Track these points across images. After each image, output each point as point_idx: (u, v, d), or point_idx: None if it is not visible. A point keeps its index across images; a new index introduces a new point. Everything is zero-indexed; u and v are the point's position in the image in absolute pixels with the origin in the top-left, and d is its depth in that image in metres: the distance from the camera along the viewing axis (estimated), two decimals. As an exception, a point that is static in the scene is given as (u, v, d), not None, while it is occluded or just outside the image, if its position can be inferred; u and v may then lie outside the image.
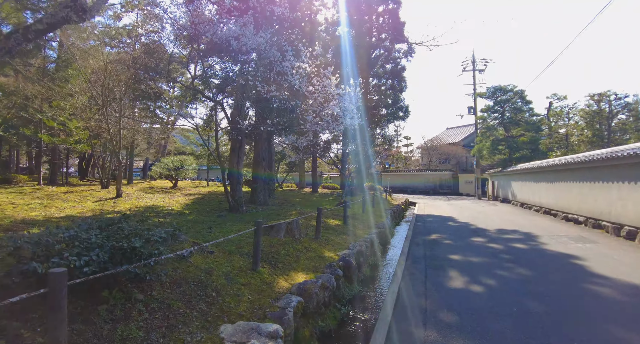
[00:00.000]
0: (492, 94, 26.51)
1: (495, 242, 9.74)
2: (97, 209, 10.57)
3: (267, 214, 11.30)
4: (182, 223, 9.00)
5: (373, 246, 9.19)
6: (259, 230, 5.38)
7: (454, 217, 16.12)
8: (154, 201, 13.39)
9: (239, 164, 12.08)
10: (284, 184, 32.20)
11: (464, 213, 17.91)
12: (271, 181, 17.54)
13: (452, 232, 11.79)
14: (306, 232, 8.47)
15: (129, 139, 17.35)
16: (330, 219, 11.18)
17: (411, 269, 7.13)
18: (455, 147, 40.83)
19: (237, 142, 12.14)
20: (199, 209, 12.30)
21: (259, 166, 14.65)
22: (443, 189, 38.37)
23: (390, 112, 26.85)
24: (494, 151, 25.78)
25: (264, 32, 9.78)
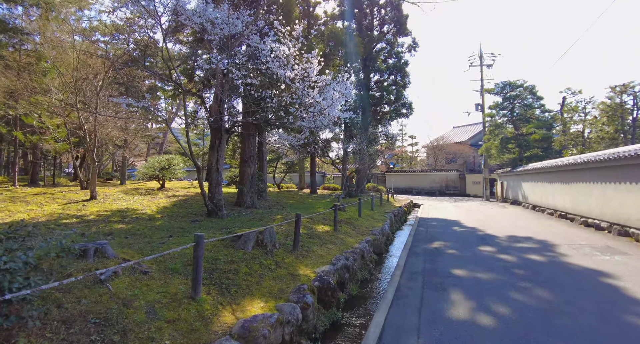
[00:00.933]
0: (501, 90, 25.02)
1: (507, 253, 8.39)
2: (56, 213, 9.44)
3: (248, 219, 10.07)
4: (141, 230, 7.83)
5: (364, 257, 7.91)
6: (198, 246, 4.14)
7: (460, 221, 14.74)
8: (129, 204, 12.26)
9: (218, 162, 10.87)
10: (283, 184, 31.02)
11: (471, 216, 16.52)
12: (262, 182, 16.33)
13: (457, 240, 10.45)
14: (284, 243, 7.21)
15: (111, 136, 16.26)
16: (319, 225, 9.91)
17: (405, 290, 5.83)
18: (462, 147, 39.28)
19: (216, 138, 10.93)
20: (174, 213, 11.13)
21: (246, 165, 13.44)
22: (449, 190, 36.85)
23: (393, 109, 25.53)
24: (503, 149, 24.29)
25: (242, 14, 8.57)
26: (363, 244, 8.36)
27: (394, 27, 25.38)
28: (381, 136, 25.17)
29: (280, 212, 12.05)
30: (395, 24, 25.12)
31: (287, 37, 8.10)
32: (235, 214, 11.37)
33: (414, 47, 25.81)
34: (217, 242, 6.41)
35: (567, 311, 4.68)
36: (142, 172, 16.62)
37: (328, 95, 8.54)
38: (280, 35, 8.05)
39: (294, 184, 32.34)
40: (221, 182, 10.92)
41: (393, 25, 25.36)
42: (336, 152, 27.15)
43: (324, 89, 8.97)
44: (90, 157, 13.19)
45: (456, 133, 45.58)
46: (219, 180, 10.84)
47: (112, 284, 4.13)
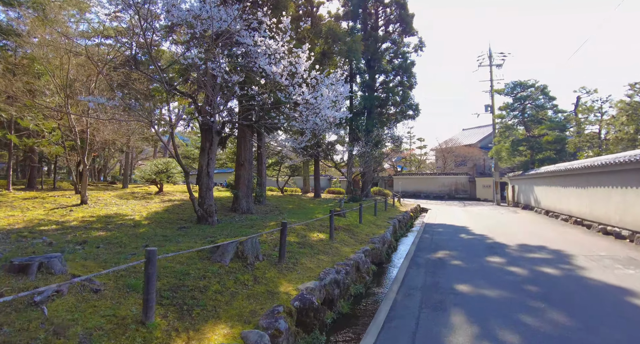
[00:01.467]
0: (511, 90, 24.11)
1: (518, 265, 7.63)
2: (37, 220, 8.98)
3: (239, 226, 9.48)
4: (119, 238, 7.30)
5: (359, 269, 7.23)
6: (150, 262, 3.54)
7: (468, 228, 13.94)
8: (120, 209, 11.80)
9: (209, 166, 10.32)
10: (287, 188, 30.46)
11: (480, 222, 15.68)
12: (260, 186, 15.77)
13: (463, 249, 9.70)
14: (270, 254, 6.59)
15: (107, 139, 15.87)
16: (314, 233, 9.27)
17: (400, 309, 5.15)
18: (472, 149, 38.26)
19: (207, 141, 10.39)
20: (163, 219, 10.62)
21: (242, 168, 12.89)
22: (459, 194, 35.83)
23: (399, 111, 24.82)
24: (514, 152, 23.34)
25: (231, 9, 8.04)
26: (359, 255, 7.68)
27: (399, 26, 24.74)
28: (387, 139, 24.41)
29: (276, 219, 11.45)
30: (401, 24, 24.47)
31: (274, 30, 7.52)
32: (228, 221, 10.80)
33: (420, 47, 25.13)
34: (194, 254, 5.83)
35: (588, 341, 3.95)
36: (139, 176, 16.20)
37: (318, 93, 7.90)
38: (266, 27, 7.48)
39: (299, 188, 31.77)
40: (212, 186, 10.37)
41: (399, 24, 24.72)
42: (341, 155, 26.52)
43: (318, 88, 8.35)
44: (82, 161, 12.76)
45: (465, 135, 44.55)
46: (210, 184, 10.29)
47: (51, 306, 3.57)
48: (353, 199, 20.58)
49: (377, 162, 24.54)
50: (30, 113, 14.04)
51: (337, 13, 26.04)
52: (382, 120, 23.80)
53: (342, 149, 25.07)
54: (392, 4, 24.34)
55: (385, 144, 25.17)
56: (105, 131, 15.23)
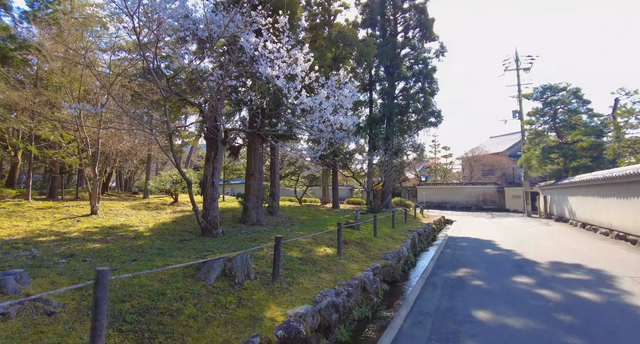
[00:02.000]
0: (541, 94, 22.71)
1: (549, 287, 6.67)
2: (39, 230, 8.85)
3: (243, 240, 8.97)
4: (112, 251, 6.96)
5: (366, 290, 6.51)
6: (99, 285, 3.04)
7: (495, 242, 12.85)
8: (128, 220, 11.62)
9: (214, 176, 9.95)
10: (306, 198, 29.96)
11: (509, 236, 14.50)
12: (274, 197, 15.30)
13: (487, 266, 8.75)
14: (264, 271, 6.02)
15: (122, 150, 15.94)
16: (321, 247, 8.63)
17: (405, 341, 4.42)
18: (500, 158, 36.48)
19: (212, 150, 10.05)
20: (168, 230, 10.30)
21: (252, 178, 12.48)
22: (487, 204, 34.09)
23: (421, 118, 23.95)
24: (545, 160, 21.84)
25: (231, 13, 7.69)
26: (367, 273, 6.96)
27: (419, 31, 24.03)
28: (407, 147, 23.53)
29: (284, 231, 10.89)
30: (421, 29, 23.76)
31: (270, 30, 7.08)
32: (234, 233, 10.34)
33: (441, 52, 24.29)
34: (178, 271, 5.35)
35: (641, 395, 3.10)
36: (153, 186, 16.13)
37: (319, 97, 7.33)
38: (262, 27, 7.05)
39: (318, 198, 31.18)
40: (216, 197, 9.97)
41: (418, 30, 24.02)
42: (361, 165, 25.79)
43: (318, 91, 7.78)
44: (92, 171, 12.75)
45: (493, 143, 42.71)
46: (214, 195, 9.90)
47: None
48: (372, 210, 19.75)
49: (397, 172, 23.67)
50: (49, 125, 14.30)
51: (355, 21, 25.70)
52: (403, 128, 22.98)
53: (361, 159, 24.35)
54: (411, 9, 23.73)
55: (406, 152, 24.28)
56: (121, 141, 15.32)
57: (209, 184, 9.98)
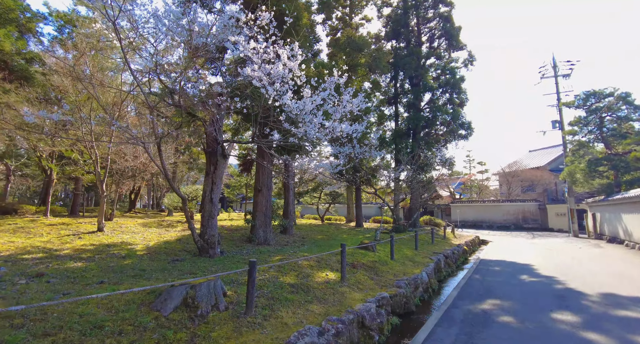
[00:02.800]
0: (584, 101, 20.69)
1: (600, 329, 5.27)
2: (31, 247, 8.50)
3: (238, 261, 8.16)
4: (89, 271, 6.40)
5: (364, 326, 5.42)
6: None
7: (533, 267, 11.21)
8: (130, 238, 11.20)
9: (213, 192, 9.30)
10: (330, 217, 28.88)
11: (550, 259, 12.72)
12: (287, 215, 14.46)
13: (521, 297, 7.34)
14: (240, 301, 5.12)
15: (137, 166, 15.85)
16: (324, 272, 7.63)
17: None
18: (540, 172, 33.77)
19: (211, 164, 9.44)
20: (167, 249, 9.71)
21: (260, 195, 11.76)
22: (527, 223, 31.39)
23: (449, 130, 22.49)
24: (592, 173, 19.62)
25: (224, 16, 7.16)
26: (369, 305, 5.87)
27: (444, 40, 22.96)
28: (435, 162, 22.05)
29: (290, 251, 9.96)
30: (446, 38, 22.68)
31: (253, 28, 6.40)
32: (235, 253, 9.56)
33: (470, 61, 22.99)
34: (136, 297, 4.62)
35: None
36: (167, 204, 15.84)
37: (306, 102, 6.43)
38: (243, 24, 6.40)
39: (343, 217, 30.01)
40: (215, 214, 9.28)
41: (444, 39, 22.96)
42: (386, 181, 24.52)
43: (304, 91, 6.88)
44: (100, 187, 12.57)
45: (532, 157, 39.89)
46: (213, 212, 9.22)
47: None
48: (396, 230, 18.38)
49: (425, 188, 22.20)
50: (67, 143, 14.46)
51: (378, 34, 25.09)
52: (429, 141, 21.62)
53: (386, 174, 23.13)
54: (435, 18, 22.78)
55: (434, 167, 22.79)
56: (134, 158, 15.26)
57: (208, 201, 9.34)
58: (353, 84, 14.52)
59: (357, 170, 19.70)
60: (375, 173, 21.39)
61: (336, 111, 7.39)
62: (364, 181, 21.02)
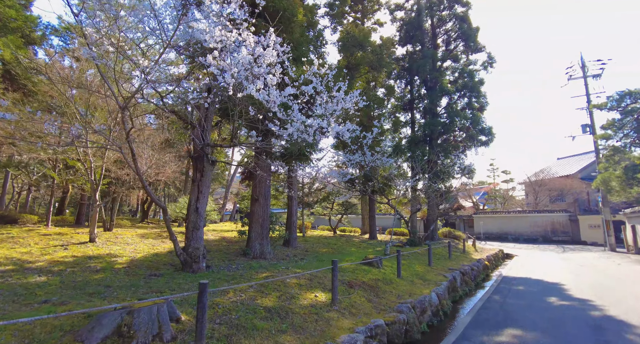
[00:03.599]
0: (618, 103, 18.93)
1: (655, 377, 4.04)
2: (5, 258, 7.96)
3: (220, 278, 7.28)
4: (49, 286, 5.67)
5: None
6: None
7: (563, 287, 9.80)
8: (120, 250, 10.59)
9: (198, 201, 8.54)
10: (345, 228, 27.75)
11: (584, 278, 11.22)
12: (291, 227, 13.56)
13: (547, 327, 6.11)
14: (191, 329, 4.22)
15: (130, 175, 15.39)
16: (314, 292, 6.66)
17: None
18: (570, 181, 31.54)
19: (197, 171, 8.72)
20: (150, 262, 9.03)
21: (256, 204, 10.93)
22: (557, 236, 29.20)
23: (468, 136, 21.15)
24: (630, 181, 17.78)
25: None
26: (356, 336, 4.85)
27: (461, 42, 21.81)
28: (453, 170, 20.69)
29: (283, 267, 9.02)
30: (463, 39, 21.54)
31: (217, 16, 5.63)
32: (222, 268, 8.73)
33: (490, 63, 21.69)
34: (70, 322, 3.83)
35: None
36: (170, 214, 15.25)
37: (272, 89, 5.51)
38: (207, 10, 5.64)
39: (358, 228, 28.81)
40: (200, 225, 8.51)
41: (460, 40, 21.81)
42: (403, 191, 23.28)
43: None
44: (93, 196, 12.09)
45: (561, 165, 37.56)
46: (198, 223, 8.45)
47: None
48: (411, 243, 17.12)
49: (442, 198, 20.83)
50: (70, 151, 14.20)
51: (392, 38, 24.19)
52: (447, 148, 20.33)
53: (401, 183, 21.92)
54: (451, 19, 21.70)
55: (453, 175, 21.42)
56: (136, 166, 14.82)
57: (193, 210, 8.58)
58: (355, 84, 13.61)
59: (370, 179, 18.65)
60: (389, 182, 20.25)
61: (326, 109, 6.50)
62: (377, 191, 19.92)
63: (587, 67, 22.25)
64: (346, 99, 6.70)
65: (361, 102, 7.41)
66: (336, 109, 6.62)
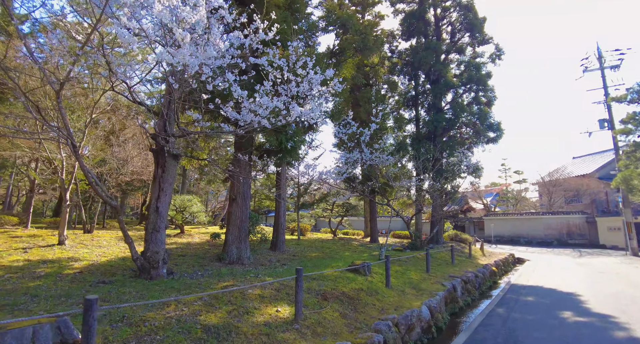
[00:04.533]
0: (639, 94, 17.45)
1: None
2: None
3: (175, 287, 6.29)
4: None
5: None
6: None
7: (580, 298, 8.54)
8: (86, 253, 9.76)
9: (159, 200, 7.59)
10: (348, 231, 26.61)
11: (604, 287, 9.91)
12: (278, 229, 12.54)
13: (560, 353, 4.94)
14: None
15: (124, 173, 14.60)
16: (275, 306, 5.62)
17: None
18: (587, 181, 29.77)
19: (159, 166, 7.77)
20: (111, 267, 8.20)
21: (234, 204, 9.96)
22: (573, 238, 27.51)
23: (475, 132, 19.87)
24: (654, 179, 16.28)
25: None
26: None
27: (467, 33, 20.57)
28: (459, 168, 19.39)
29: (254, 274, 7.98)
30: (469, 30, 20.31)
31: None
32: (186, 275, 7.75)
33: (498, 55, 20.42)
34: None
35: None
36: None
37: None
38: None
39: (362, 231, 27.63)
40: (161, 227, 7.54)
41: (466, 32, 20.57)
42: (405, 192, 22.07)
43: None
44: (63, 196, 11.29)
45: (577, 164, 35.73)
46: (158, 224, 7.49)
47: None
48: (412, 247, 15.94)
49: (448, 198, 19.58)
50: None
51: (393, 32, 23.06)
52: (451, 145, 19.08)
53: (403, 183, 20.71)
54: (455, 8, 20.48)
55: (459, 174, 20.12)
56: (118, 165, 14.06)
57: (152, 211, 7.62)
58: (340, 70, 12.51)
59: (369, 178, 17.53)
60: (390, 182, 19.08)
61: (290, 89, 5.47)
62: (377, 191, 18.77)
63: (604, 57, 20.74)
64: (314, 78, 5.66)
65: (337, 85, 6.33)
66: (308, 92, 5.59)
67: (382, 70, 21.93)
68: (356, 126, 14.31)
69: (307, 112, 5.52)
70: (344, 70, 12.54)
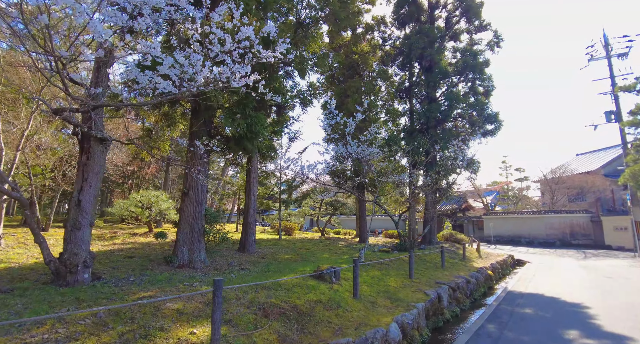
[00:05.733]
0: (649, 83, 16.07)
1: None
2: None
3: (87, 298, 5.00)
4: None
5: None
6: None
7: (588, 312, 7.20)
8: (22, 253, 8.66)
9: (82, 191, 6.32)
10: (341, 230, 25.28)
11: (614, 296, 8.56)
12: (246, 227, 11.24)
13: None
14: None
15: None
16: (195, 326, 4.32)
17: None
18: (592, 178, 28.33)
19: (83, 152, 6.48)
20: (32, 271, 6.85)
21: (186, 199, 8.66)
22: (576, 239, 26.11)
23: (471, 123, 18.54)
24: (666, 175, 14.89)
25: None
26: None
27: (463, 19, 19.22)
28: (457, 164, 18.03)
29: (188, 282, 6.68)
30: (465, 15, 18.97)
31: None
32: (114, 281, 6.45)
33: (496, 42, 19.05)
34: None
35: None
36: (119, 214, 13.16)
37: None
38: None
39: (353, 230, 26.32)
40: (83, 224, 6.27)
41: (462, 16, 19.21)
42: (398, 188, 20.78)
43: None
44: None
45: (581, 161, 34.27)
46: (79, 221, 6.22)
47: None
48: (400, 248, 14.60)
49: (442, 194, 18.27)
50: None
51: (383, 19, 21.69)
52: (445, 137, 17.71)
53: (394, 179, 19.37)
54: (450, -11, 19.08)
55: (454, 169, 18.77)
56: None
57: (74, 204, 6.35)
58: (310, 45, 11.12)
59: (357, 174, 16.22)
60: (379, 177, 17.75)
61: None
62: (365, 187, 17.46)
63: (610, 45, 19.32)
64: (248, 29, 4.33)
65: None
66: (232, 47, 4.28)
67: (373, 58, 20.61)
68: (339, 116, 13.05)
69: (226, 71, 4.21)
70: (312, 44, 11.20)
